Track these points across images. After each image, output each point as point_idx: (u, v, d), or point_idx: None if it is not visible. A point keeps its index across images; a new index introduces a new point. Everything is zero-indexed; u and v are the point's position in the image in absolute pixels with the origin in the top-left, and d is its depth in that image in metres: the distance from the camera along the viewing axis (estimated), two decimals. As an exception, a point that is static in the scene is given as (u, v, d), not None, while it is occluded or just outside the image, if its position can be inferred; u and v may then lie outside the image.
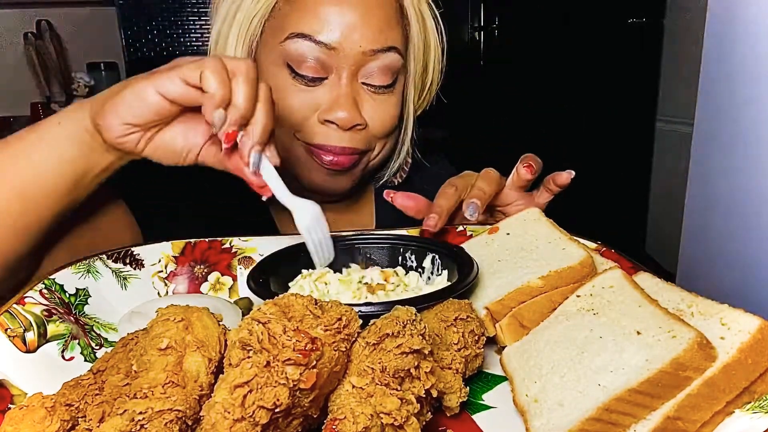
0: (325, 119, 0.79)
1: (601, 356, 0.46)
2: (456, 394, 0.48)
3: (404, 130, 0.91)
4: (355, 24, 0.77)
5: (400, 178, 0.98)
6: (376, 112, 0.82)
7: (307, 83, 0.79)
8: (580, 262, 0.59)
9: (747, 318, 0.44)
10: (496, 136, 2.56)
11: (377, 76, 0.80)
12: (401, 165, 0.96)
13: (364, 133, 0.82)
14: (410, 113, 0.90)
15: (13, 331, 0.52)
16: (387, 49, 0.79)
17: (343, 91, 0.79)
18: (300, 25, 0.77)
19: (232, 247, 0.72)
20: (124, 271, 0.67)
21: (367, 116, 0.81)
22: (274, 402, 0.35)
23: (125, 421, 0.37)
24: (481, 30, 2.64)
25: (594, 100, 2.73)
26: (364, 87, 0.81)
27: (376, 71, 0.80)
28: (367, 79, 0.80)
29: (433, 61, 0.89)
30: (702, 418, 0.42)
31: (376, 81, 0.80)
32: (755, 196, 1.35)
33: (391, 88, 0.83)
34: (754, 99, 1.35)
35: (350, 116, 0.78)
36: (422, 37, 0.86)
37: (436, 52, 0.88)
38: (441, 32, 0.88)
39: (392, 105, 0.84)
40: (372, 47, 0.78)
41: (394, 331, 0.42)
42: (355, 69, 0.79)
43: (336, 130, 0.79)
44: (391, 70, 0.81)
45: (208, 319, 0.45)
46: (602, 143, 2.77)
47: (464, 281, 0.57)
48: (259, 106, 0.59)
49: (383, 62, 0.80)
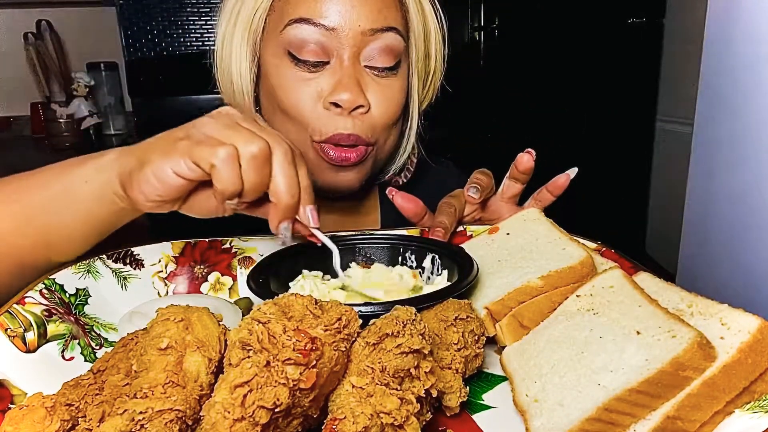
0: (330, 102, 0.79)
1: (601, 356, 0.46)
2: (456, 394, 0.48)
3: (409, 124, 0.91)
4: (352, 4, 0.77)
5: (405, 178, 0.97)
6: (379, 96, 0.81)
7: (309, 69, 0.79)
8: (580, 262, 0.59)
9: (747, 318, 0.44)
10: (496, 136, 2.56)
11: (379, 58, 0.80)
12: (406, 163, 0.96)
13: (368, 119, 0.81)
14: (415, 105, 0.90)
15: (13, 331, 0.52)
16: (387, 28, 0.79)
17: (345, 73, 0.79)
18: (298, 11, 0.78)
19: (232, 247, 0.72)
20: (124, 271, 0.67)
21: (371, 99, 0.81)
22: (274, 402, 0.36)
23: (125, 421, 0.37)
24: (481, 30, 2.64)
25: (594, 100, 2.73)
26: (367, 70, 0.81)
27: (378, 52, 0.80)
28: (370, 61, 0.80)
29: (435, 46, 0.88)
30: (702, 417, 0.42)
31: (378, 63, 0.80)
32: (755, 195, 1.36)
33: (394, 71, 0.82)
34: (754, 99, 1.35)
35: (353, 96, 0.78)
36: (421, 20, 0.85)
37: (436, 37, 0.88)
38: (440, 19, 0.88)
39: (396, 90, 0.83)
40: (371, 26, 0.78)
41: (394, 331, 0.42)
42: (357, 51, 0.79)
43: (341, 115, 0.79)
44: (393, 52, 0.81)
45: (208, 319, 0.45)
46: (602, 143, 2.77)
47: (464, 281, 0.57)
48: (303, 193, 0.59)
49: (384, 42, 0.80)
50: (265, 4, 0.81)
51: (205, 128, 0.57)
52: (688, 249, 1.64)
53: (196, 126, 0.58)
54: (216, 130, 0.56)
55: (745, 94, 1.37)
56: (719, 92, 1.46)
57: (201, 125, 0.57)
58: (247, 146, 0.55)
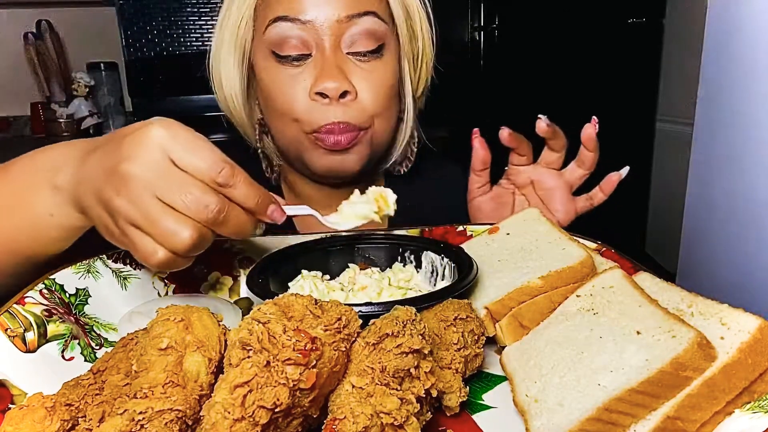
0: (316, 92, 0.80)
1: (601, 356, 0.46)
2: (456, 393, 0.48)
3: (405, 108, 0.91)
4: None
5: (406, 167, 0.97)
6: (365, 81, 0.82)
7: (293, 64, 0.81)
8: (580, 262, 0.59)
9: (747, 318, 0.44)
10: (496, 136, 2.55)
11: (359, 42, 0.81)
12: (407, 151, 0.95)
13: (357, 105, 0.81)
14: (408, 89, 0.90)
15: (13, 331, 0.52)
16: (363, 13, 0.80)
17: (327, 62, 0.80)
18: (276, 10, 0.80)
19: (232, 247, 0.72)
20: (124, 271, 0.67)
21: (357, 85, 0.81)
22: (274, 402, 0.36)
23: (125, 421, 0.37)
24: (481, 30, 2.63)
25: (594, 100, 2.73)
26: (350, 57, 0.82)
27: (358, 37, 0.81)
28: (351, 47, 0.81)
29: (420, 26, 0.88)
30: (702, 417, 0.42)
31: (359, 47, 0.81)
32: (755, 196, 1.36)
33: (377, 55, 0.83)
34: (754, 99, 1.35)
35: (338, 84, 0.79)
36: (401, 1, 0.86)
37: (420, 17, 0.88)
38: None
39: (382, 73, 0.84)
40: (347, 13, 0.79)
41: (394, 330, 0.42)
42: (336, 39, 0.80)
43: (329, 105, 0.80)
44: (374, 35, 0.82)
45: (208, 319, 0.45)
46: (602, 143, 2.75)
47: (464, 281, 0.57)
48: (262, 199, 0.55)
49: (362, 27, 0.80)
50: (248, 12, 0.83)
51: (125, 200, 0.50)
52: (688, 249, 1.64)
53: (113, 180, 0.50)
54: (137, 211, 0.50)
55: (745, 94, 1.37)
56: (719, 92, 1.46)
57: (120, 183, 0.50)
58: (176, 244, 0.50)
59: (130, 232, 0.51)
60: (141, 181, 0.49)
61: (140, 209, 0.49)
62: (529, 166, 0.86)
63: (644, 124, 2.95)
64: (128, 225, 0.51)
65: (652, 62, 2.87)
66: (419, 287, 0.65)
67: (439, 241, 0.71)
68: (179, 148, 0.51)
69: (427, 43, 0.90)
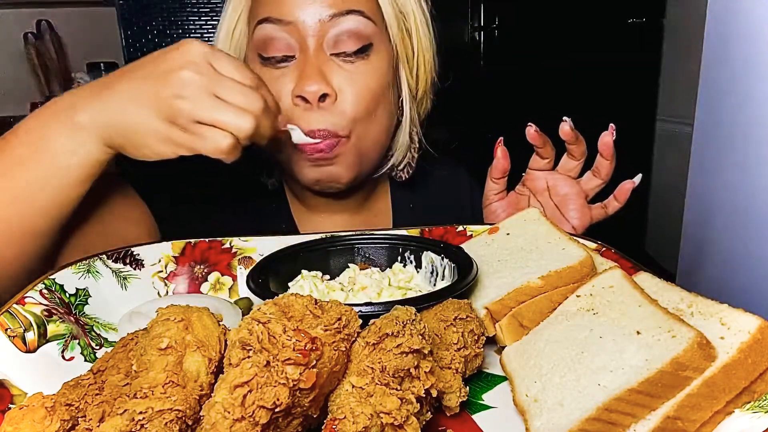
0: (296, 96, 0.77)
1: (601, 356, 0.46)
2: (456, 393, 0.48)
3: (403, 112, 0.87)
4: None
5: (407, 173, 0.94)
6: (347, 82, 0.78)
7: (276, 66, 0.79)
8: (580, 262, 0.59)
9: (747, 318, 0.44)
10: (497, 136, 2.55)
11: (343, 43, 0.78)
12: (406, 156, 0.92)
13: (337, 109, 0.78)
14: (405, 91, 0.86)
15: (13, 331, 0.52)
16: (347, 12, 0.78)
17: (308, 63, 0.77)
18: (261, 12, 0.79)
19: (232, 247, 0.72)
20: (124, 271, 0.67)
21: (339, 87, 0.78)
22: (274, 402, 0.36)
23: (125, 420, 0.37)
24: (481, 30, 2.63)
25: (594, 100, 2.73)
26: (334, 58, 0.79)
27: (341, 37, 0.78)
28: (335, 48, 0.78)
29: (414, 23, 0.84)
30: (702, 417, 0.42)
31: (343, 48, 0.78)
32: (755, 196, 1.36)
33: (362, 55, 0.79)
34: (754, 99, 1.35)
35: (318, 87, 0.76)
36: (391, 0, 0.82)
37: (415, 13, 0.84)
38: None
39: (368, 75, 0.80)
40: (330, 12, 0.77)
41: (394, 330, 0.42)
42: (319, 40, 0.78)
43: (310, 110, 0.77)
44: (359, 35, 0.78)
45: (208, 319, 0.45)
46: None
47: (464, 281, 0.57)
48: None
49: (346, 26, 0.77)
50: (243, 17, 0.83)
51: (188, 101, 0.59)
52: (688, 249, 1.64)
53: (171, 85, 0.59)
54: (203, 107, 0.59)
55: (745, 93, 1.37)
56: (719, 92, 1.46)
57: (180, 86, 0.59)
58: (242, 130, 0.60)
59: (196, 129, 0.59)
60: (199, 83, 0.59)
61: (205, 106, 0.59)
62: (547, 172, 0.85)
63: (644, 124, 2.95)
64: (192, 123, 0.59)
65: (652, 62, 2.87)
66: (419, 287, 0.65)
67: (439, 241, 0.71)
68: (219, 58, 0.61)
69: (426, 44, 0.86)
